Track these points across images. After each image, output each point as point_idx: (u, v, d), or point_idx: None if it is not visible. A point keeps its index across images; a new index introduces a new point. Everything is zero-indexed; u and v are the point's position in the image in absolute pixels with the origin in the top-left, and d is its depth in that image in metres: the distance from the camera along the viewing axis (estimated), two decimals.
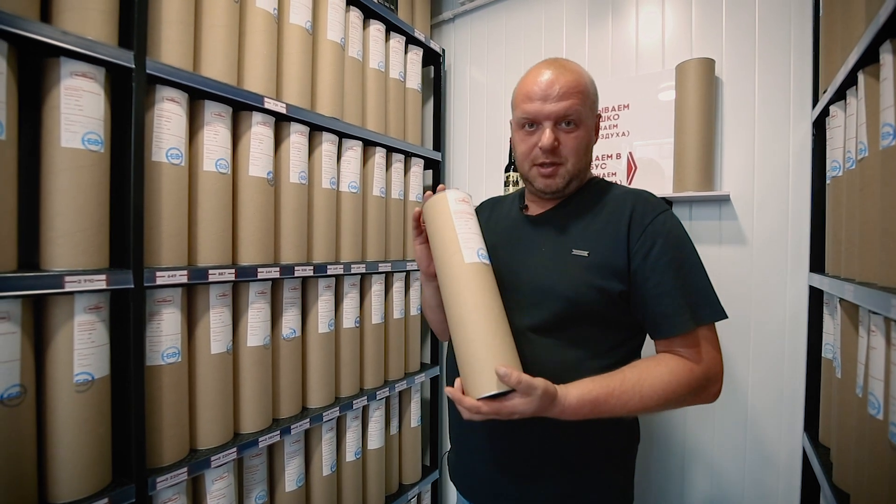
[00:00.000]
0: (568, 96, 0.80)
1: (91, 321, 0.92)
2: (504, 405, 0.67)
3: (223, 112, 1.17)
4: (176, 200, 1.07)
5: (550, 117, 0.81)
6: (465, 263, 0.76)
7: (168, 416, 1.06)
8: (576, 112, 0.81)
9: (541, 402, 0.66)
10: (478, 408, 0.67)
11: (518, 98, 0.86)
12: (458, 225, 0.80)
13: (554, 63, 0.84)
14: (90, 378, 0.92)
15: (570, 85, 0.81)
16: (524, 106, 0.83)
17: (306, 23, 1.37)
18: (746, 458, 1.42)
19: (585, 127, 0.84)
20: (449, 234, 0.79)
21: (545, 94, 0.80)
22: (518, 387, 0.65)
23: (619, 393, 0.72)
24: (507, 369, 0.65)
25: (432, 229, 0.83)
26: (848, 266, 0.97)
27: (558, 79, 0.81)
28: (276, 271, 1.27)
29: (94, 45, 0.90)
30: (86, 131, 0.91)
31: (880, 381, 0.77)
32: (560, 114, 0.80)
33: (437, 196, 0.83)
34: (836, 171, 1.07)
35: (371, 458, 1.64)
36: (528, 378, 0.65)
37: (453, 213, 0.81)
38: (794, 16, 1.35)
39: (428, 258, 0.89)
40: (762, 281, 1.40)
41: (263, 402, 1.28)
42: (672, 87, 1.49)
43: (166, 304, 1.06)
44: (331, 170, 1.47)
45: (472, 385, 0.69)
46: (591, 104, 0.85)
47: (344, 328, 1.54)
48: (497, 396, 0.67)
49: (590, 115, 0.85)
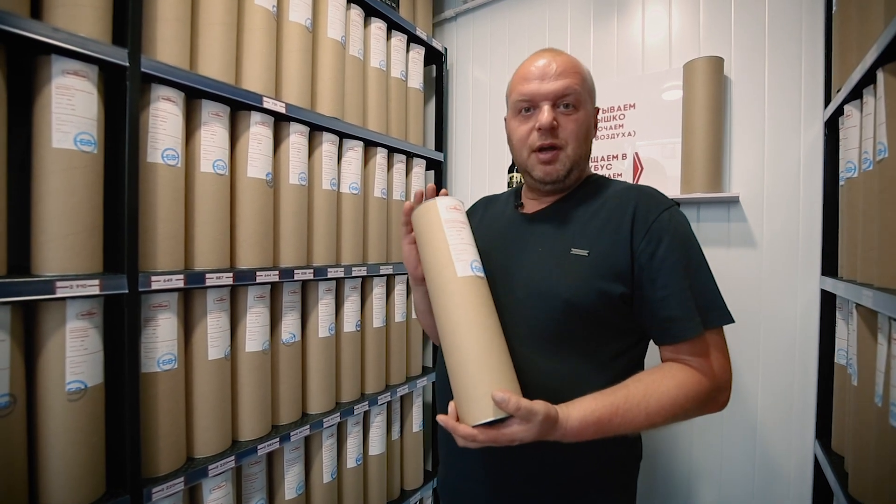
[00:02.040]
0: (566, 75, 0.77)
1: (84, 328, 0.89)
2: (502, 433, 0.62)
3: (221, 112, 1.14)
4: (172, 203, 1.04)
5: (549, 97, 0.77)
6: (457, 278, 0.72)
7: (164, 425, 1.03)
8: (574, 92, 0.77)
9: (541, 427, 0.61)
10: (473, 436, 0.63)
11: (514, 84, 0.83)
12: (450, 235, 0.75)
13: (549, 49, 0.82)
14: (83, 386, 0.89)
15: (567, 65, 0.78)
16: (520, 87, 0.80)
17: (306, 20, 1.34)
18: (755, 467, 1.39)
19: (585, 111, 0.80)
20: (440, 245, 0.74)
21: (543, 73, 0.78)
22: (517, 413, 0.60)
23: (623, 411, 0.66)
24: (504, 394, 0.60)
25: (422, 240, 0.78)
26: (865, 270, 0.94)
27: (555, 59, 0.79)
28: (275, 275, 1.24)
29: (86, 42, 0.87)
30: (78, 131, 0.88)
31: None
32: (559, 92, 0.77)
33: (426, 205, 0.78)
34: (852, 172, 1.04)
35: (372, 464, 1.61)
36: (527, 403, 0.60)
37: (444, 223, 0.76)
38: (805, 13, 1.32)
39: (416, 260, 0.83)
40: (772, 284, 1.37)
41: (262, 409, 1.25)
42: (679, 86, 1.46)
43: (162, 310, 1.03)
44: (331, 171, 1.44)
45: (467, 411, 0.65)
46: (590, 90, 0.82)
47: (345, 332, 1.51)
48: (494, 423, 0.63)
49: (588, 100, 0.81)
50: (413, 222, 0.82)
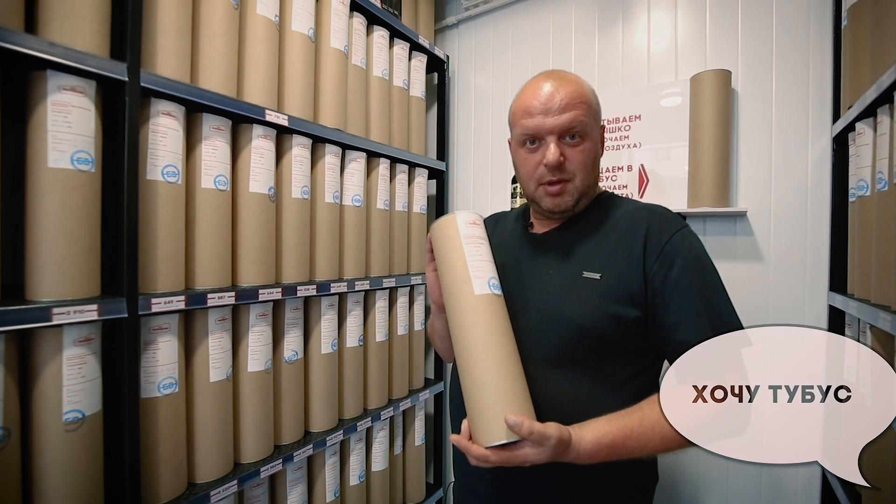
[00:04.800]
0: (571, 107, 0.74)
1: (81, 354, 0.86)
2: (514, 454, 0.63)
3: (222, 125, 1.11)
4: (172, 221, 1.01)
5: (554, 131, 0.75)
6: (474, 296, 0.71)
7: (165, 451, 0.99)
8: (580, 124, 0.75)
9: (554, 451, 0.62)
10: (486, 456, 0.63)
11: (516, 114, 0.79)
12: (469, 251, 0.73)
13: (552, 74, 0.78)
14: (80, 416, 0.85)
15: (571, 95, 0.75)
16: (524, 122, 0.77)
17: (309, 30, 1.31)
18: (763, 479, 1.38)
19: (591, 139, 0.78)
20: (458, 261, 0.73)
21: (546, 107, 0.74)
22: (529, 437, 0.61)
23: (637, 434, 0.66)
24: (517, 418, 0.61)
25: (440, 256, 0.77)
26: (880, 292, 0.93)
27: (558, 90, 0.75)
28: (278, 292, 1.20)
29: (83, 56, 0.83)
30: (75, 150, 0.84)
31: None
32: (564, 127, 0.74)
33: (445, 219, 0.77)
34: (864, 190, 1.03)
35: (375, 481, 1.58)
36: (540, 428, 0.61)
37: (463, 238, 0.74)
38: (813, 27, 1.31)
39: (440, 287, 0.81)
40: (779, 299, 1.36)
41: (265, 430, 1.21)
42: (686, 98, 1.45)
43: (162, 332, 0.99)
44: (334, 183, 1.41)
45: (481, 432, 0.65)
46: (595, 115, 0.79)
47: (347, 347, 1.48)
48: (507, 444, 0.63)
49: (594, 126, 0.79)
50: (432, 236, 0.80)
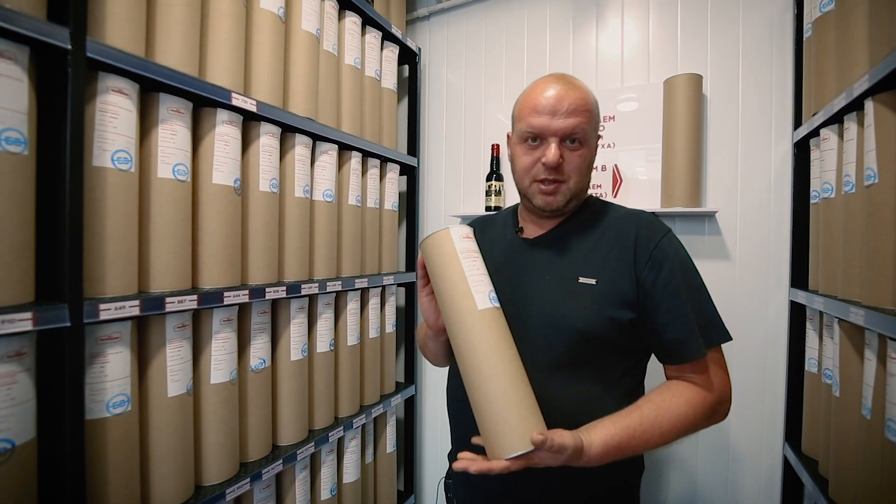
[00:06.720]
0: (576, 114, 0.78)
1: (10, 372, 0.72)
2: (532, 460, 0.67)
3: (182, 108, 0.98)
4: (124, 215, 0.88)
5: (557, 133, 0.78)
6: (477, 311, 0.71)
7: (114, 479, 0.86)
8: (582, 131, 0.79)
9: (569, 458, 0.67)
10: (507, 468, 0.67)
11: (523, 110, 0.82)
12: (467, 266, 0.74)
13: (562, 78, 0.82)
14: (9, 446, 0.71)
15: (579, 102, 0.79)
16: (531, 119, 0.80)
17: (279, 9, 1.20)
18: (728, 463, 1.45)
19: (589, 146, 0.82)
20: (457, 277, 0.73)
21: (554, 108, 0.78)
22: (550, 449, 0.65)
23: (640, 432, 0.71)
24: (541, 436, 0.64)
25: (437, 273, 0.76)
26: (847, 288, 0.99)
27: (567, 95, 0.79)
28: (244, 294, 1.09)
29: (14, 16, 0.69)
30: (3, 127, 0.70)
31: None
32: (567, 131, 0.78)
33: (439, 235, 0.76)
34: (829, 192, 1.10)
35: (347, 493, 1.49)
36: (559, 440, 0.65)
37: (460, 253, 0.74)
38: (775, 35, 1.39)
39: (437, 312, 0.81)
40: (743, 295, 1.43)
41: (230, 447, 1.10)
42: (659, 100, 1.49)
43: (112, 343, 0.86)
44: (304, 176, 1.31)
45: (499, 444, 0.67)
46: (596, 124, 0.84)
47: (318, 353, 1.38)
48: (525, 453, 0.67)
49: (593, 134, 0.83)
50: (425, 254, 0.78)
